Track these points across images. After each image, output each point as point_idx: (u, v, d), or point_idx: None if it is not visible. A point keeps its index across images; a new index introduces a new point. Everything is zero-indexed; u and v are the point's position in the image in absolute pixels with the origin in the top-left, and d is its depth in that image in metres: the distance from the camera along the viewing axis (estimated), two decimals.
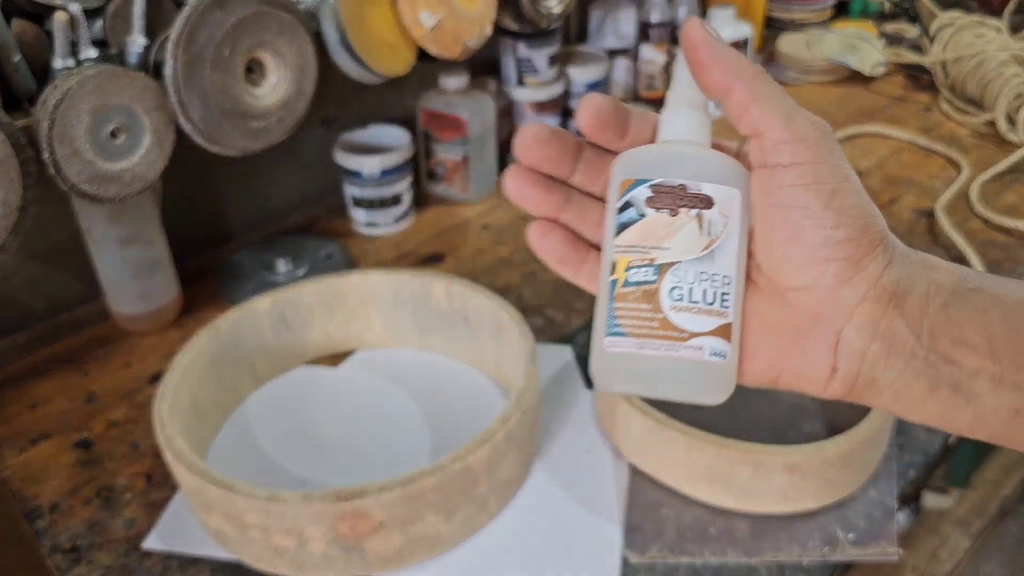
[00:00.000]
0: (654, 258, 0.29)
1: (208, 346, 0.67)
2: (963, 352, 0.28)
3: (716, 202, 0.29)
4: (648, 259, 0.29)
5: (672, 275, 0.28)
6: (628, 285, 0.29)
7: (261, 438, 0.69)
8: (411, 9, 0.83)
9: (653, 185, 0.29)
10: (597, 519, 0.60)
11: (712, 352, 0.29)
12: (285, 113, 0.78)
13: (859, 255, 0.28)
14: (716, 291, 0.29)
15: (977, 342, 0.28)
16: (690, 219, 0.29)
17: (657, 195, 0.29)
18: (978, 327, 0.28)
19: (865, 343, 0.28)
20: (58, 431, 0.71)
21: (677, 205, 0.29)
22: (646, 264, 0.29)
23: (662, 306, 0.29)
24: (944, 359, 0.28)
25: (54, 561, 0.59)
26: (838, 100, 1.28)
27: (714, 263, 0.29)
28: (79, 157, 0.66)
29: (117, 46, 0.72)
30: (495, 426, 0.57)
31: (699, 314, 0.28)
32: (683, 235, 0.29)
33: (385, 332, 0.77)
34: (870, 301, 0.28)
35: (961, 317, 0.28)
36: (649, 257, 0.29)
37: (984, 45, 1.17)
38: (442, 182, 1.04)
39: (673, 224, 0.29)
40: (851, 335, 0.28)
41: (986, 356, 0.28)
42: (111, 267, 0.78)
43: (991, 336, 0.28)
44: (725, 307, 0.29)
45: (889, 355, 0.28)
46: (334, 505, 0.52)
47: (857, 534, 0.58)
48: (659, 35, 1.21)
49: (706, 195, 0.29)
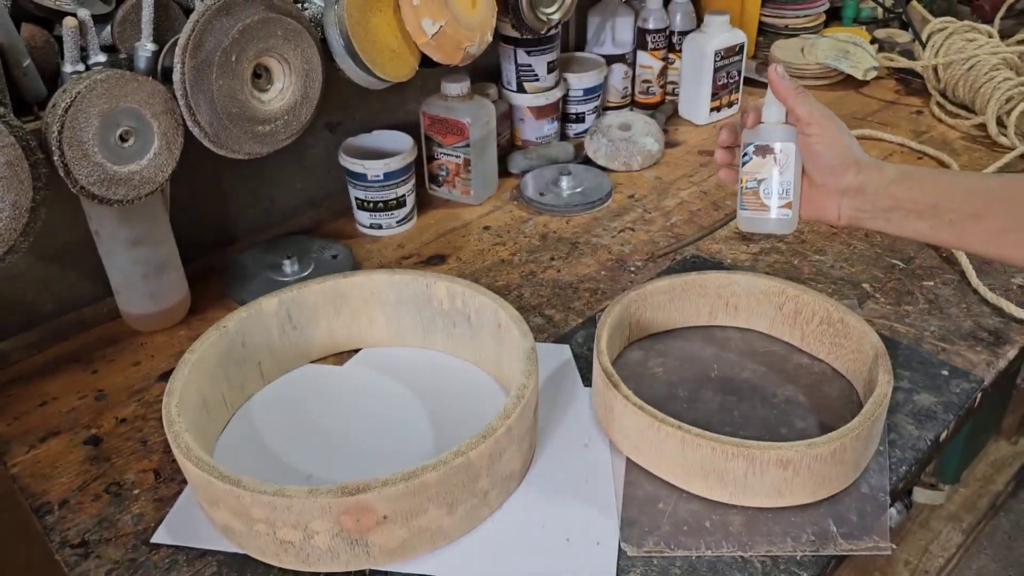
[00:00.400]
0: (757, 176, 0.65)
1: (215, 345, 0.68)
2: (890, 205, 0.60)
3: (780, 151, 0.64)
4: (754, 177, 0.65)
5: (764, 184, 0.65)
6: (746, 189, 0.66)
7: (267, 435, 0.70)
8: (414, 16, 0.85)
9: (755, 146, 0.65)
10: (595, 513, 0.61)
11: (781, 215, 0.65)
12: (291, 117, 0.79)
13: (842, 170, 0.61)
14: (784, 188, 0.64)
15: (901, 200, 0.59)
16: (769, 159, 0.64)
17: (757, 149, 0.65)
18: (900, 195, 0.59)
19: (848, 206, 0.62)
20: (67, 428, 0.72)
21: (764, 153, 0.64)
22: (752, 180, 0.65)
23: (760, 196, 0.65)
24: (884, 210, 0.61)
25: (63, 556, 0.60)
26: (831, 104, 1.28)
27: (782, 176, 0.64)
28: (88, 160, 0.67)
29: (126, 51, 0.73)
30: (496, 422, 0.58)
31: (774, 198, 0.65)
32: (768, 167, 0.64)
33: (388, 331, 0.79)
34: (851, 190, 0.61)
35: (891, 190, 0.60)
36: (755, 176, 0.65)
37: (975, 50, 1.19)
38: (444, 185, 1.05)
39: (763, 162, 0.65)
40: (843, 203, 0.63)
41: (905, 206, 0.59)
42: (120, 268, 0.80)
43: (907, 196, 0.59)
44: (787, 195, 0.64)
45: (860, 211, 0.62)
46: (339, 500, 0.53)
47: (850, 528, 0.59)
48: (656, 41, 1.22)
49: (774, 148, 0.64)
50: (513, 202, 1.06)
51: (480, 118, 1.00)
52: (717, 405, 0.71)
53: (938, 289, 0.85)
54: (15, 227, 0.64)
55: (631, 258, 0.93)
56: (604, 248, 0.95)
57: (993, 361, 0.75)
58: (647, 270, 0.91)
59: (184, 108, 0.71)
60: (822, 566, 0.57)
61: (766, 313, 0.78)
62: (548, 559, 0.58)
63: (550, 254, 0.94)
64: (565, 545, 0.59)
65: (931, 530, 1.45)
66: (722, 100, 1.24)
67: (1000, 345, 0.77)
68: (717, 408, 0.70)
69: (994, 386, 0.75)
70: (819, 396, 0.71)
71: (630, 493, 0.62)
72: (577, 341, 0.79)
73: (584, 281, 0.89)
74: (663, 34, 1.22)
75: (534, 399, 0.63)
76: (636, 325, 0.77)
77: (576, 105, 1.17)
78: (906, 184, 0.58)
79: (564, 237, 0.98)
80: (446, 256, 0.95)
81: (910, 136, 1.16)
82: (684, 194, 1.06)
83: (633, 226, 0.99)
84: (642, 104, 1.28)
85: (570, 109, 1.18)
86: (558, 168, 1.08)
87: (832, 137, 0.61)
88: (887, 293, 0.85)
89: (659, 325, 0.79)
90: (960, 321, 0.80)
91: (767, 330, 0.79)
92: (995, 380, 0.74)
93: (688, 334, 0.79)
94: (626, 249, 0.95)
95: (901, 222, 0.59)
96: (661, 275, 0.88)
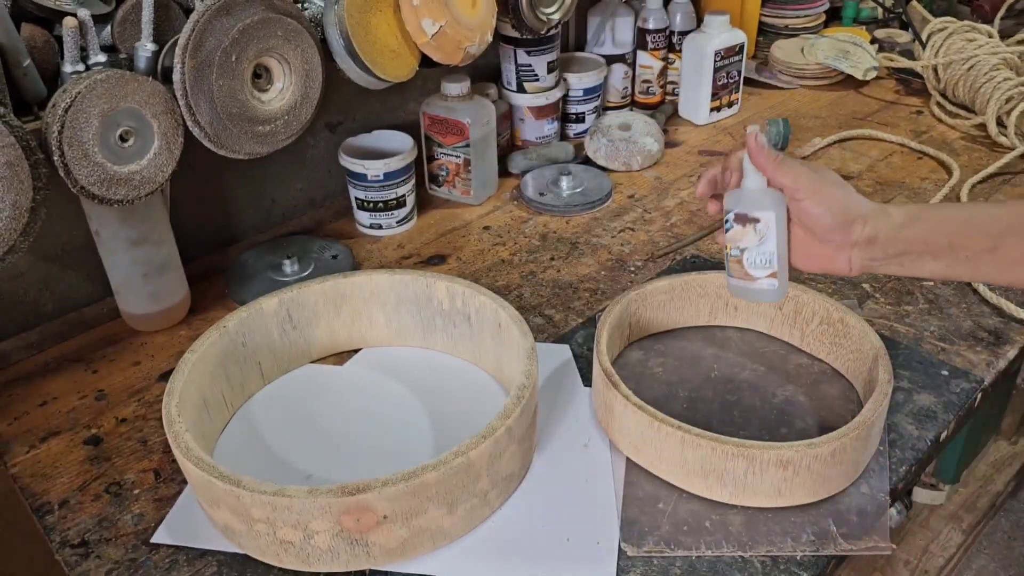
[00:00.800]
0: (739, 245, 0.62)
1: (216, 345, 0.68)
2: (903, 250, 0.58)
3: (762, 219, 0.61)
4: (737, 246, 0.63)
5: (747, 254, 0.62)
6: (730, 256, 0.64)
7: (267, 434, 0.70)
8: (414, 16, 0.85)
9: (735, 214, 0.62)
10: (595, 513, 0.61)
11: (767, 285, 0.63)
12: (291, 117, 0.79)
13: (847, 226, 0.58)
14: (767, 259, 0.61)
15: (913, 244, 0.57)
16: (750, 228, 0.61)
17: (737, 217, 0.62)
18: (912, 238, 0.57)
19: (859, 256, 0.59)
20: (67, 428, 0.72)
21: (745, 223, 0.61)
22: (735, 248, 0.63)
23: (744, 266, 0.63)
24: (896, 255, 0.58)
25: (63, 556, 0.60)
26: (831, 104, 1.30)
27: (763, 247, 0.61)
28: (89, 160, 0.67)
29: (126, 51, 0.73)
30: (496, 422, 0.58)
31: (758, 268, 0.62)
32: (749, 236, 0.62)
33: (388, 331, 0.79)
34: (861, 242, 0.59)
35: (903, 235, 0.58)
36: (737, 245, 0.62)
37: (975, 50, 1.19)
38: (444, 185, 1.05)
39: (745, 231, 0.62)
40: (853, 254, 0.59)
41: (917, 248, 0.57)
42: (120, 267, 0.80)
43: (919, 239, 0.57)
44: (771, 265, 0.61)
45: (873, 259, 0.59)
46: (339, 499, 0.53)
47: (850, 528, 0.59)
48: (656, 41, 1.23)
49: (756, 217, 0.61)
50: (513, 202, 1.06)
51: (480, 118, 1.00)
52: (717, 405, 0.71)
53: (938, 289, 0.85)
54: (15, 227, 0.64)
55: (631, 258, 0.93)
56: (604, 248, 0.95)
57: (993, 361, 0.75)
58: (647, 270, 0.91)
59: (184, 108, 0.72)
60: (822, 566, 0.57)
61: (766, 313, 0.78)
62: (548, 559, 0.58)
63: (550, 254, 0.95)
64: (565, 545, 0.59)
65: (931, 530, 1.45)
66: (722, 100, 1.24)
67: (1000, 345, 0.77)
68: (717, 408, 0.70)
69: (994, 386, 0.75)
70: (819, 396, 0.71)
71: (630, 493, 0.62)
72: (577, 341, 0.80)
73: (584, 281, 0.89)
74: (663, 34, 1.22)
75: (534, 399, 0.63)
76: (636, 325, 0.77)
77: (576, 105, 1.17)
78: (916, 227, 0.56)
79: (564, 237, 0.98)
80: (446, 256, 0.95)
81: (910, 136, 1.16)
82: (684, 194, 1.06)
83: (633, 226, 0.99)
84: (642, 104, 1.28)
85: (570, 109, 1.18)
86: (558, 168, 1.08)
87: (827, 197, 0.58)
88: (887, 293, 0.85)
89: (659, 325, 0.79)
90: (960, 321, 0.80)
91: (767, 330, 0.79)
92: (995, 380, 0.74)
93: (688, 334, 0.79)
94: (626, 249, 0.95)
95: (915, 264, 0.57)
96: (661, 275, 0.88)
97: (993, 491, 1.52)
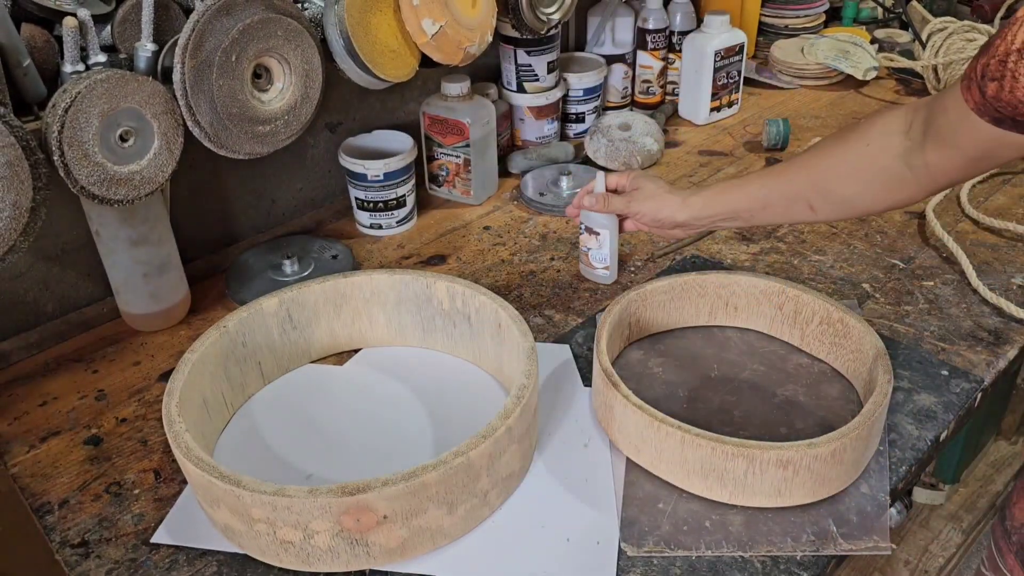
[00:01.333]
0: (587, 247, 0.88)
1: (216, 345, 0.68)
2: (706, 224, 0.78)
3: (601, 233, 0.85)
4: (586, 245, 0.88)
5: (591, 252, 0.88)
6: (582, 251, 0.89)
7: (267, 434, 0.70)
8: (414, 16, 0.85)
9: (586, 227, 0.86)
10: (595, 513, 0.61)
11: (603, 274, 0.89)
12: (291, 118, 0.79)
13: (661, 224, 0.79)
14: (602, 257, 0.87)
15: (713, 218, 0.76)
16: (592, 237, 0.86)
17: (587, 229, 0.86)
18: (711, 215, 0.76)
19: (682, 232, 0.80)
20: (68, 428, 0.72)
21: (591, 232, 0.86)
22: (585, 247, 0.88)
23: (590, 259, 0.88)
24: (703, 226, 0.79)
25: (63, 556, 0.60)
26: (831, 104, 1.30)
27: (600, 250, 0.87)
28: (89, 160, 0.67)
29: (126, 51, 0.73)
30: (496, 422, 0.58)
31: (598, 262, 0.88)
32: (593, 241, 0.86)
33: (388, 331, 0.79)
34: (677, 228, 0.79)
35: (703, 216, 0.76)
36: (586, 245, 0.88)
37: (975, 50, 1.19)
38: (444, 185, 1.05)
39: (589, 238, 0.86)
40: (677, 231, 0.80)
41: (716, 220, 0.76)
42: (121, 267, 0.80)
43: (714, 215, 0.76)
44: (605, 261, 0.87)
45: (688, 231, 0.80)
46: (339, 499, 0.53)
47: (850, 528, 0.59)
48: (656, 41, 1.23)
49: (597, 231, 0.85)
50: (513, 202, 1.06)
51: (480, 118, 1.00)
52: (717, 405, 0.71)
53: (938, 289, 0.85)
54: (15, 227, 0.64)
55: (631, 258, 0.93)
56: None
57: (993, 361, 0.75)
58: (647, 270, 0.91)
59: (184, 108, 0.72)
60: (822, 566, 0.57)
61: (766, 313, 0.78)
62: (548, 559, 0.58)
63: (550, 254, 0.95)
64: (565, 545, 0.59)
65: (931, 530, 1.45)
66: (722, 100, 1.24)
67: (1000, 345, 0.77)
68: (717, 408, 0.70)
69: (994, 386, 0.75)
70: (819, 396, 0.71)
71: (630, 493, 0.62)
72: (577, 341, 0.80)
73: (584, 281, 0.89)
74: (663, 34, 1.23)
75: (534, 399, 0.63)
76: (636, 325, 0.77)
77: (576, 105, 1.18)
78: (708, 207, 0.76)
79: (564, 237, 0.98)
80: (446, 256, 0.95)
81: None
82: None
83: None
84: (642, 104, 1.28)
85: (570, 109, 1.18)
86: (558, 168, 1.08)
87: (641, 216, 0.79)
88: (887, 293, 0.85)
89: (659, 325, 0.79)
90: (960, 321, 0.80)
91: (767, 330, 0.79)
92: (995, 380, 0.74)
93: (688, 334, 0.79)
94: (626, 249, 0.95)
95: (719, 226, 0.78)
96: (661, 275, 0.88)
97: (993, 491, 1.52)
